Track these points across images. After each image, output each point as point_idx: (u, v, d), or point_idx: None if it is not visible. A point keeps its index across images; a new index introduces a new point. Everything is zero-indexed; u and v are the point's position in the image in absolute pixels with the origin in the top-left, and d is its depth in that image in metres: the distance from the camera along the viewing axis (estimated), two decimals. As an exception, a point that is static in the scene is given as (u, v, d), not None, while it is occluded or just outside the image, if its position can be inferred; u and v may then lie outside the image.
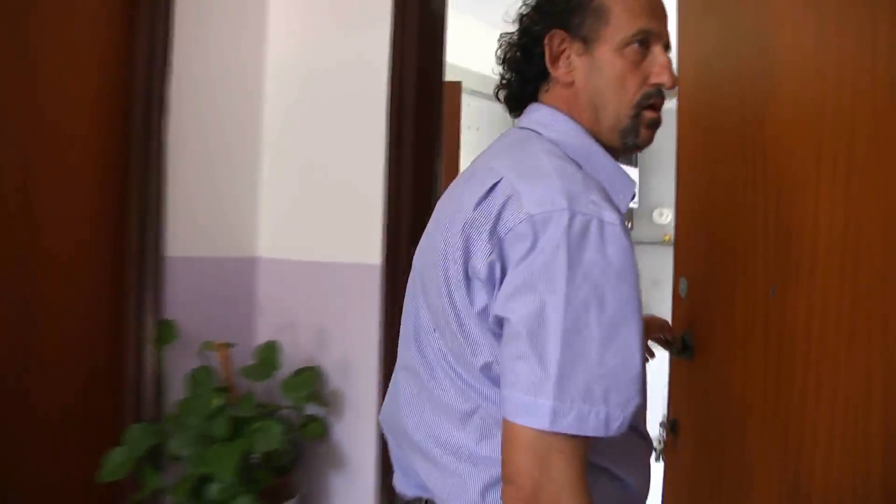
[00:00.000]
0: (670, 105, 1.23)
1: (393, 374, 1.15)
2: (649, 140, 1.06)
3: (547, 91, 1.08)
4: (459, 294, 0.93)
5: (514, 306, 0.85)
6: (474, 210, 0.92)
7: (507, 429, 0.84)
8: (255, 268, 2.46)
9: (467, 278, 0.92)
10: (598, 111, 1.04)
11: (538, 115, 1.08)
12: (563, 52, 1.04)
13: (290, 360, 2.29)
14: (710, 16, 1.62)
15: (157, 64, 2.18)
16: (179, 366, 2.20)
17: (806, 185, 1.27)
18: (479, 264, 0.89)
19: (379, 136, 2.15)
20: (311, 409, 2.23)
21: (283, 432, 2.02)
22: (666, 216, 5.48)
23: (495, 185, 0.92)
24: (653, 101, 1.03)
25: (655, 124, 1.05)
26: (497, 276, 0.89)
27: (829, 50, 1.24)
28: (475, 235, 0.91)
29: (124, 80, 2.18)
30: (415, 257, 1.12)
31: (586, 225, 0.85)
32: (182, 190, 2.27)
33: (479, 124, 4.55)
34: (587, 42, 1.03)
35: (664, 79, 1.02)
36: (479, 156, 1.11)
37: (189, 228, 2.30)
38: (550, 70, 1.05)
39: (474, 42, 4.54)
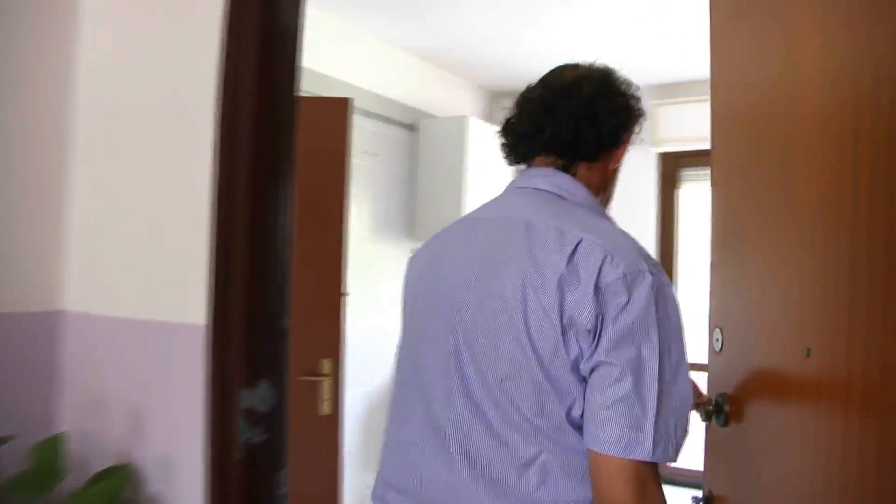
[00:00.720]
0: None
1: (406, 437, 1.13)
2: None
3: (577, 168, 1.18)
4: (546, 344, 0.98)
5: (618, 353, 0.94)
6: (567, 267, 0.98)
7: (605, 462, 0.93)
8: (58, 325, 1.80)
9: (563, 329, 0.97)
10: (610, 191, 1.25)
11: (562, 182, 1.16)
12: (624, 145, 1.21)
13: (99, 456, 1.64)
14: (742, 20, 1.51)
15: None
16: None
17: (842, 219, 1.10)
18: (583, 316, 0.96)
19: (205, 166, 1.56)
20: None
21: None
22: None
23: (578, 244, 0.99)
24: None
25: None
26: (598, 327, 0.96)
27: (861, 56, 1.09)
28: (570, 290, 0.97)
29: None
30: (430, 314, 1.14)
31: (658, 285, 0.99)
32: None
33: (376, 149, 3.99)
34: (629, 142, 1.23)
35: None
36: (498, 207, 1.17)
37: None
38: (616, 156, 1.21)
39: (372, 60, 4.03)
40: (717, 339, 1.55)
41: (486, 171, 4.35)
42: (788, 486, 1.26)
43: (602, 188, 1.21)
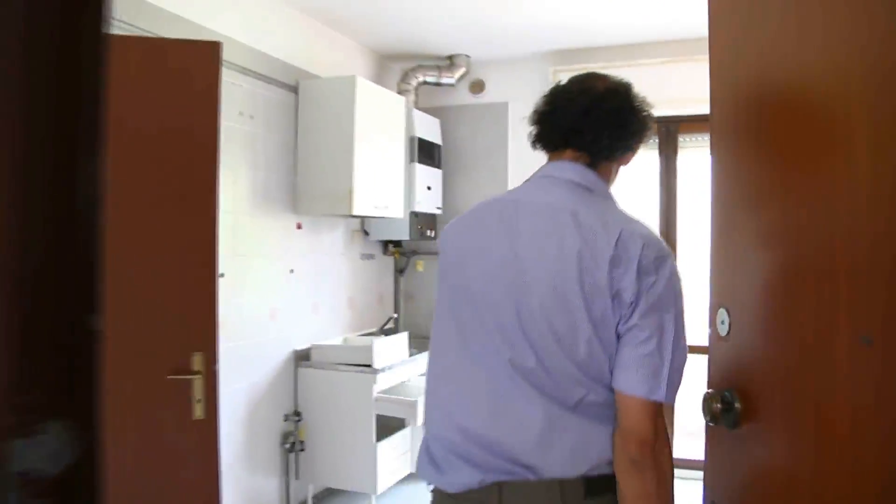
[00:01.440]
0: None
1: (484, 383, 1.29)
2: None
3: (599, 166, 1.36)
4: (598, 311, 1.20)
5: (648, 320, 1.19)
6: (614, 251, 1.20)
7: (632, 401, 1.19)
8: None
9: (612, 298, 1.19)
10: (613, 181, 1.42)
11: (590, 177, 1.34)
12: (636, 150, 1.42)
13: None
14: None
15: None
16: None
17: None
18: (627, 291, 1.19)
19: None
20: None
21: None
22: (474, 222, 4.61)
23: (621, 232, 1.21)
24: None
25: None
26: (636, 299, 1.19)
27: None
28: (617, 269, 1.19)
29: None
30: (487, 282, 1.30)
31: (673, 268, 1.23)
32: None
33: (252, 111, 3.38)
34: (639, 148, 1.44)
35: None
36: (537, 193, 1.34)
37: None
38: (628, 159, 1.41)
39: (247, 10, 3.37)
40: (723, 322, 1.30)
41: (378, 137, 3.82)
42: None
43: (610, 180, 1.40)
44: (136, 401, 2.30)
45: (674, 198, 4.24)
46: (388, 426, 3.73)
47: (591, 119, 1.31)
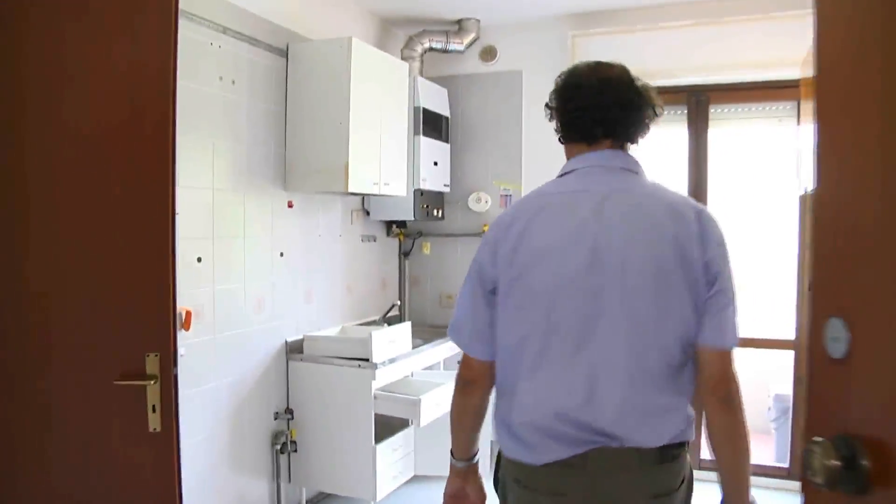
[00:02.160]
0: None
1: (578, 368, 1.36)
2: None
3: (626, 146, 1.47)
4: (693, 285, 1.34)
5: (726, 285, 1.35)
6: (698, 228, 1.35)
7: (722, 354, 1.35)
8: None
9: (702, 270, 1.34)
10: None
11: (630, 161, 1.46)
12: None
13: None
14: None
15: None
16: None
17: None
18: (714, 263, 1.34)
19: None
20: None
21: None
22: (485, 202, 4.17)
23: (695, 211, 1.37)
24: None
25: None
26: (719, 268, 1.35)
27: None
28: (703, 244, 1.34)
29: None
30: (580, 270, 1.37)
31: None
32: None
33: (234, 76, 2.94)
34: None
35: None
36: (601, 183, 1.43)
37: None
38: (642, 139, 1.49)
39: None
40: (837, 339, 0.92)
41: (377, 107, 3.37)
42: None
43: None
44: (79, 410, 1.89)
45: (704, 176, 3.76)
46: (388, 426, 3.33)
47: (624, 109, 1.42)
